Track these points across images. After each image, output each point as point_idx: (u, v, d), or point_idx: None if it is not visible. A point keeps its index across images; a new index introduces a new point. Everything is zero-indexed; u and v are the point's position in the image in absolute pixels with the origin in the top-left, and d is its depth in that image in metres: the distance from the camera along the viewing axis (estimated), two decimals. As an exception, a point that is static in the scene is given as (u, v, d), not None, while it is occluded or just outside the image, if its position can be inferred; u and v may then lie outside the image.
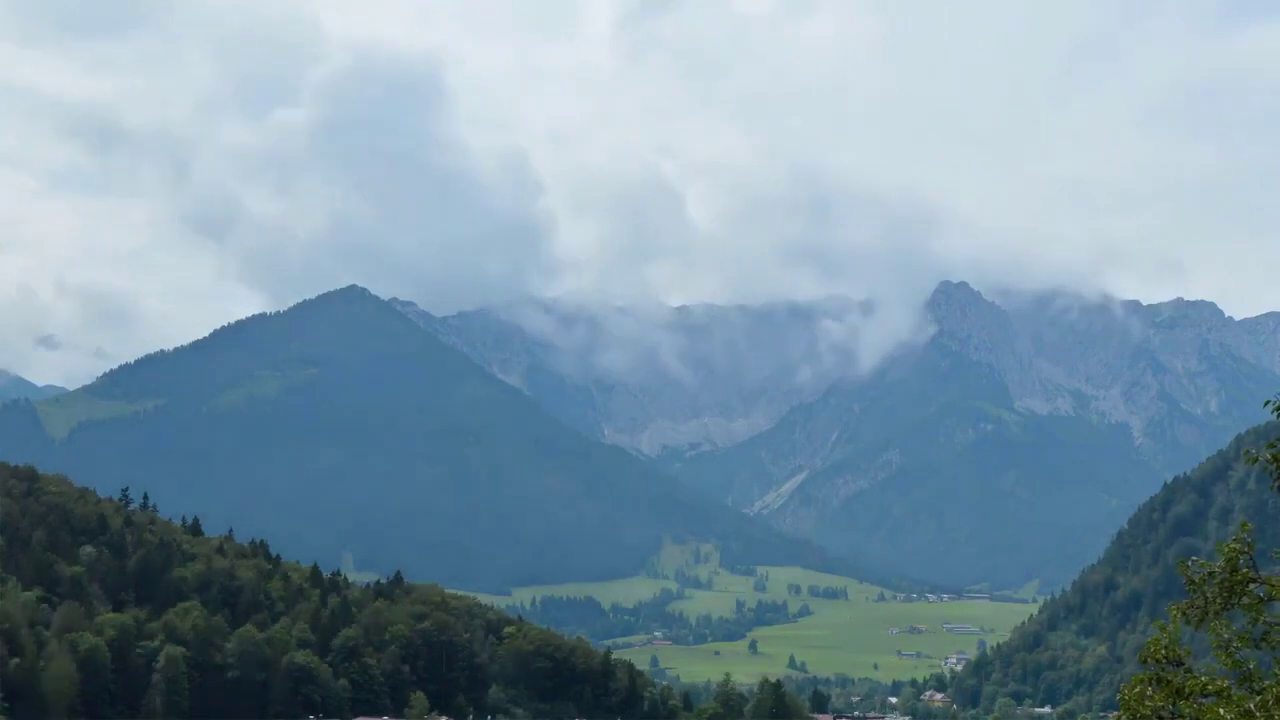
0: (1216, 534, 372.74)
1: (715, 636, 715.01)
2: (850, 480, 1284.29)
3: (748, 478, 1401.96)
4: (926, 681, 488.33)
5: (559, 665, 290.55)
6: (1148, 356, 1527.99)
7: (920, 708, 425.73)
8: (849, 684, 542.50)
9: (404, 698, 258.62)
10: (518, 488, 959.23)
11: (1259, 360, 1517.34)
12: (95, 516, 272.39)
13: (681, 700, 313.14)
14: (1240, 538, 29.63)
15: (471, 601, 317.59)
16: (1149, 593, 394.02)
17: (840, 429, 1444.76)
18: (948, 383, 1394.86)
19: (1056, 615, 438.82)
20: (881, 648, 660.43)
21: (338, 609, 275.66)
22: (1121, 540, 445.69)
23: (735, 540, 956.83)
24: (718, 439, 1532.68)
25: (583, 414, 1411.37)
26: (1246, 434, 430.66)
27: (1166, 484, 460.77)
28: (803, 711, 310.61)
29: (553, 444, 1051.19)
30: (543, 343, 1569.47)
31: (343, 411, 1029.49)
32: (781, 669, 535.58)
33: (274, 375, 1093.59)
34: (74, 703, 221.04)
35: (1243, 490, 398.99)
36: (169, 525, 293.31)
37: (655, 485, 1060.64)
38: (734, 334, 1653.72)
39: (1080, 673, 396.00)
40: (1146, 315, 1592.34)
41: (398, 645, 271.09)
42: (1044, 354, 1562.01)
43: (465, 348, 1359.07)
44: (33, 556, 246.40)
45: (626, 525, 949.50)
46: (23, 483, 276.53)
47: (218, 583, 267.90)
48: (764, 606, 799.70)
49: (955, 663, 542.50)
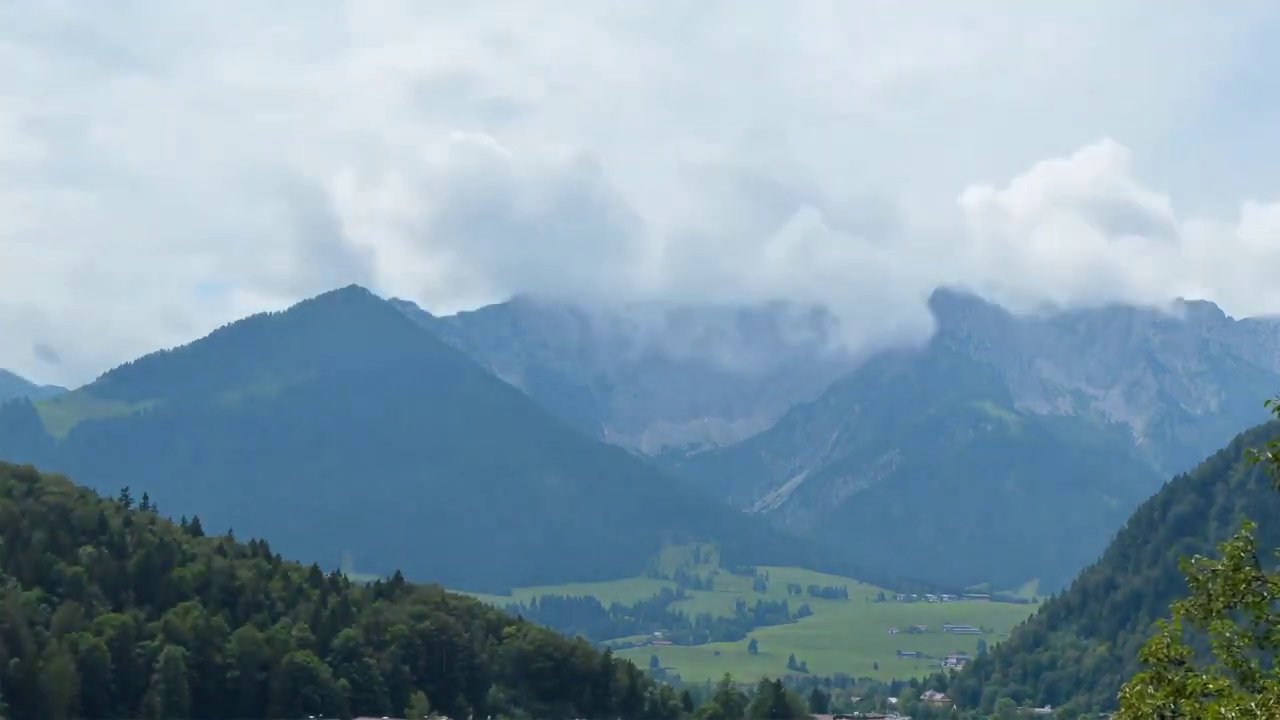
0: (1217, 534, 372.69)
1: (715, 636, 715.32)
2: (850, 480, 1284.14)
3: (748, 478, 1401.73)
4: (926, 681, 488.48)
5: (559, 665, 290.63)
6: (1147, 356, 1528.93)
7: (920, 708, 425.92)
8: (849, 684, 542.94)
9: (404, 698, 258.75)
10: (518, 488, 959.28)
11: (1259, 360, 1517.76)
12: (95, 516, 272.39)
13: (681, 700, 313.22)
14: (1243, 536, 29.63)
15: (471, 601, 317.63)
16: (1149, 593, 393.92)
17: (840, 429, 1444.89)
18: (948, 383, 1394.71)
19: (1056, 615, 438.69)
20: (881, 648, 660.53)
21: (338, 609, 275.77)
22: (1121, 540, 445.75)
23: (735, 540, 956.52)
24: (718, 439, 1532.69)
25: (583, 414, 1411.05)
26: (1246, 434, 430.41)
27: (1166, 484, 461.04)
28: (803, 711, 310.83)
29: (553, 444, 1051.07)
30: (543, 343, 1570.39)
31: (343, 411, 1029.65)
32: (781, 669, 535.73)
33: (274, 375, 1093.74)
34: (74, 703, 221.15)
35: (1243, 490, 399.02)
36: (169, 525, 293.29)
37: (655, 485, 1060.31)
38: (734, 334, 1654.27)
39: (1080, 673, 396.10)
40: (1146, 315, 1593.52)
41: (398, 645, 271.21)
42: (1044, 354, 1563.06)
43: (465, 348, 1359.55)
44: (33, 556, 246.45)
45: (626, 525, 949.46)
46: (23, 483, 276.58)
47: (218, 583, 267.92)
48: (764, 606, 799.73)
49: (955, 663, 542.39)
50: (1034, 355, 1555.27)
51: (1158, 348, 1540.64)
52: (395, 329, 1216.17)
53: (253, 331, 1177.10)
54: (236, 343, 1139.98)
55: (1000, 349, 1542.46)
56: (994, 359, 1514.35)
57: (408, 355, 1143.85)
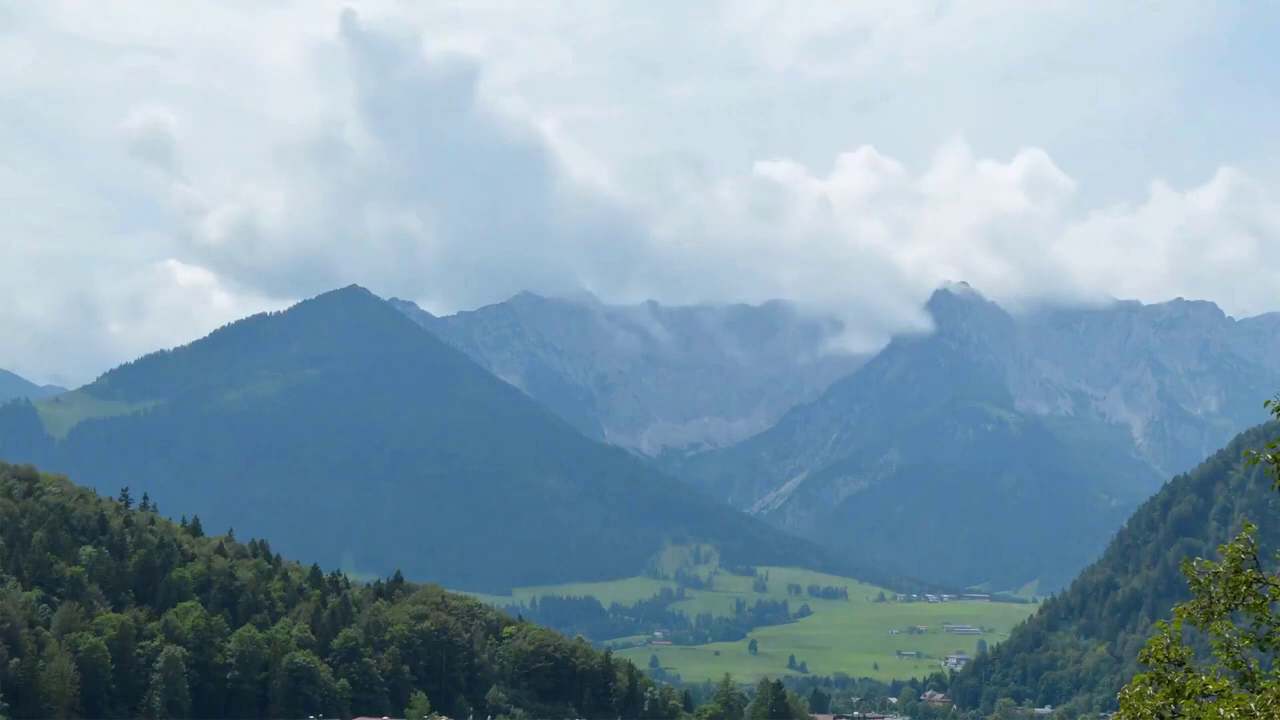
0: (1217, 534, 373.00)
1: (715, 636, 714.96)
2: (850, 480, 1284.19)
3: (748, 478, 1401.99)
4: (926, 681, 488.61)
5: (559, 665, 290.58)
6: (1147, 356, 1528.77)
7: (920, 708, 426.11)
8: (849, 684, 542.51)
9: (404, 698, 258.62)
10: (518, 488, 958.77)
11: (1259, 360, 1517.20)
12: (95, 516, 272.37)
13: (681, 700, 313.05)
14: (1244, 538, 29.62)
15: (471, 601, 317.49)
16: (1149, 593, 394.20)
17: (840, 429, 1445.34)
18: (948, 383, 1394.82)
19: (1056, 615, 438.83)
20: (881, 648, 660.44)
21: (338, 609, 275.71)
22: (1121, 540, 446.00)
23: (735, 540, 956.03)
24: (718, 439, 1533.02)
25: (583, 414, 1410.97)
26: (1246, 434, 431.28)
27: (1166, 484, 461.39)
28: (803, 711, 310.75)
29: (553, 444, 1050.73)
30: (543, 343, 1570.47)
31: (343, 412, 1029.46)
32: (781, 669, 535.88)
33: (274, 375, 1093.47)
34: (74, 703, 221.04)
35: (1243, 490, 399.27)
36: (169, 525, 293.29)
37: (655, 485, 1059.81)
38: (734, 334, 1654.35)
39: (1080, 673, 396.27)
40: (1146, 315, 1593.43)
41: (398, 645, 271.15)
42: (1044, 354, 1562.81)
43: (465, 348, 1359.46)
44: (33, 556, 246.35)
45: (626, 525, 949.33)
46: (23, 483, 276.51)
47: (218, 583, 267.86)
48: (764, 606, 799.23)
49: (955, 663, 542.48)
50: (1034, 355, 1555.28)
51: (1158, 348, 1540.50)
52: (395, 329, 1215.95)
53: (253, 331, 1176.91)
54: (236, 343, 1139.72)
55: (1000, 349, 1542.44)
56: (994, 359, 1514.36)
57: (408, 355, 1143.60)
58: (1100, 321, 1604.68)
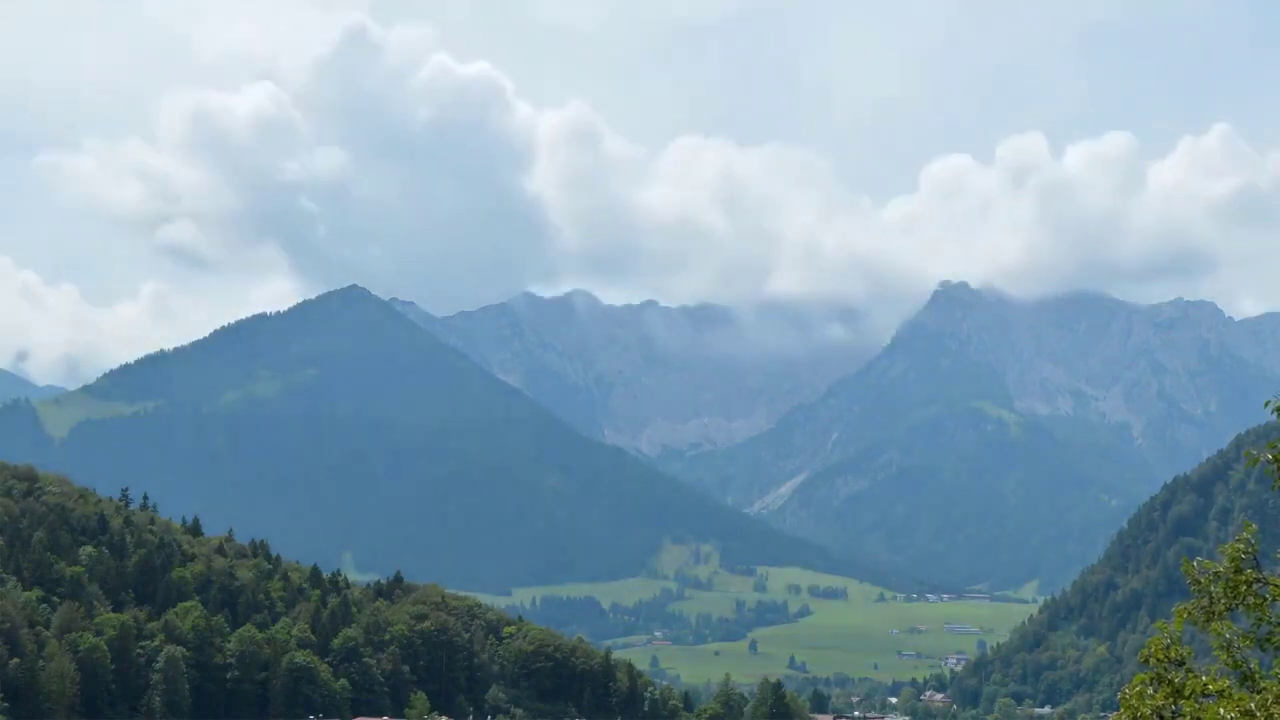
0: (1217, 534, 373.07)
1: (715, 636, 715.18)
2: (850, 480, 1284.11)
3: (748, 478, 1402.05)
4: (926, 681, 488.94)
5: (559, 665, 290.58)
6: (1147, 356, 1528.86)
7: (920, 708, 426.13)
8: (849, 684, 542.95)
9: (404, 698, 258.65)
10: (518, 488, 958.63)
11: (1259, 360, 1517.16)
12: (95, 516, 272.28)
13: (681, 700, 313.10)
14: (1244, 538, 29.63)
15: (471, 601, 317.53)
16: (1149, 593, 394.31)
17: (840, 429, 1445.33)
18: (948, 383, 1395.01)
19: (1056, 615, 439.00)
20: (881, 648, 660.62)
21: (338, 609, 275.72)
22: (1121, 540, 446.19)
23: (735, 540, 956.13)
24: (718, 439, 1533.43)
25: (583, 414, 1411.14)
26: (1246, 434, 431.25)
27: (1166, 484, 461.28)
28: (803, 711, 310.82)
29: (553, 444, 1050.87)
30: (543, 343, 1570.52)
31: (343, 412, 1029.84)
32: (781, 669, 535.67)
33: (274, 375, 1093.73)
34: (74, 703, 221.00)
35: (1243, 490, 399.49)
36: (169, 525, 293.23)
37: (655, 485, 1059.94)
38: (735, 334, 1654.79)
39: (1080, 673, 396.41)
40: (1146, 315, 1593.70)
41: (398, 645, 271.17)
42: (1044, 354, 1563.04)
43: (465, 348, 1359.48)
44: (33, 556, 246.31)
45: (626, 525, 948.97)
46: (23, 483, 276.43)
47: (218, 583, 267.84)
48: (764, 606, 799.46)
49: (955, 663, 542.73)
50: (1034, 355, 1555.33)
51: (1158, 348, 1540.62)
52: (395, 329, 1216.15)
53: (253, 331, 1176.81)
54: (236, 343, 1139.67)
55: (1000, 349, 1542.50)
56: (994, 359, 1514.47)
57: (408, 355, 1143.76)
58: (1100, 321, 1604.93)
